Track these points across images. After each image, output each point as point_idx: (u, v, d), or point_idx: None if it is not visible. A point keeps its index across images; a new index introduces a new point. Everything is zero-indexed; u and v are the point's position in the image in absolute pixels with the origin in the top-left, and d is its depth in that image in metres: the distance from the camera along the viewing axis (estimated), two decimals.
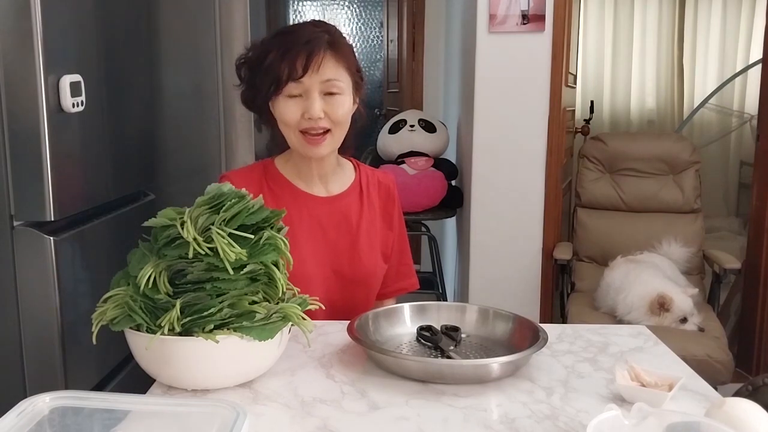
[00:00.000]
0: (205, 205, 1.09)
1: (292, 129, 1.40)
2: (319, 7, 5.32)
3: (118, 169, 1.96)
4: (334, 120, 1.39)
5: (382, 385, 1.13)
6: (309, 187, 1.50)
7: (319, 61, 1.35)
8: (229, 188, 1.12)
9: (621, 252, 2.96)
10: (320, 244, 1.47)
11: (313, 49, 1.35)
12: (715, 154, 5.21)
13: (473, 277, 3.21)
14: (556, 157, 3.10)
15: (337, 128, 1.40)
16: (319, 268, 1.46)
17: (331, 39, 1.38)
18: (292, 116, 1.38)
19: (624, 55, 5.29)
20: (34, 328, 1.62)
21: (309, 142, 1.40)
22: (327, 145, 1.41)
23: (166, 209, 1.10)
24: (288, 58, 1.35)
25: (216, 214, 1.08)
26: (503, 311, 1.34)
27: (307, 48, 1.35)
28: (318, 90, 1.37)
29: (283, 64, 1.35)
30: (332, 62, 1.37)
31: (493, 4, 2.98)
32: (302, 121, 1.38)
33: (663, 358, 1.27)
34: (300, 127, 1.39)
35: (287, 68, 1.35)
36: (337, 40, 1.39)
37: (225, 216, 1.08)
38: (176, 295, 1.07)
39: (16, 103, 1.54)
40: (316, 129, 1.38)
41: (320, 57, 1.35)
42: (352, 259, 1.48)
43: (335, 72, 1.37)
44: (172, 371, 1.09)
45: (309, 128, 1.38)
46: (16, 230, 1.59)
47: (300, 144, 1.41)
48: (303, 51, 1.35)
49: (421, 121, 3.70)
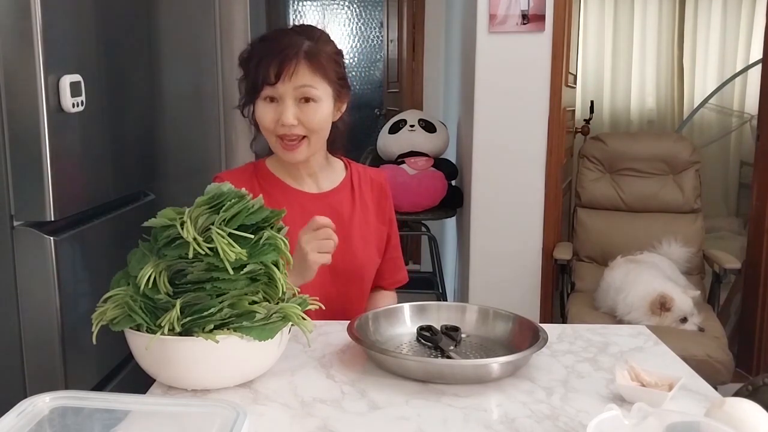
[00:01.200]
0: (205, 205, 1.09)
1: (270, 133, 1.44)
2: (319, 7, 5.31)
3: (118, 169, 1.96)
4: (309, 127, 1.42)
5: (382, 385, 1.13)
6: (300, 184, 1.53)
7: (292, 69, 1.38)
8: (229, 188, 1.12)
9: (621, 252, 2.96)
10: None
11: (286, 57, 1.38)
12: (715, 154, 5.20)
13: (473, 277, 3.20)
14: (556, 157, 3.10)
15: (313, 135, 1.43)
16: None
17: (311, 47, 1.40)
18: (268, 119, 1.42)
19: (624, 55, 5.29)
20: (34, 328, 1.63)
21: (285, 148, 1.44)
22: (302, 151, 1.44)
23: (166, 209, 1.10)
24: (263, 64, 1.39)
25: (216, 214, 1.08)
26: (503, 311, 1.34)
27: (281, 56, 1.38)
28: (292, 96, 1.39)
29: (259, 70, 1.39)
30: (307, 70, 1.39)
31: (493, 4, 2.97)
32: (278, 127, 1.41)
33: (663, 358, 1.27)
34: (276, 132, 1.43)
35: (262, 74, 1.38)
36: (318, 48, 1.41)
37: (225, 216, 1.08)
38: (176, 295, 1.07)
39: (16, 103, 1.54)
40: (291, 136, 1.42)
41: (293, 65, 1.38)
42: (345, 253, 1.49)
43: (310, 79, 1.39)
44: (172, 371, 1.09)
45: (284, 135, 1.42)
46: (16, 230, 1.59)
47: (277, 148, 1.45)
48: (276, 59, 1.38)
49: (421, 121, 3.70)
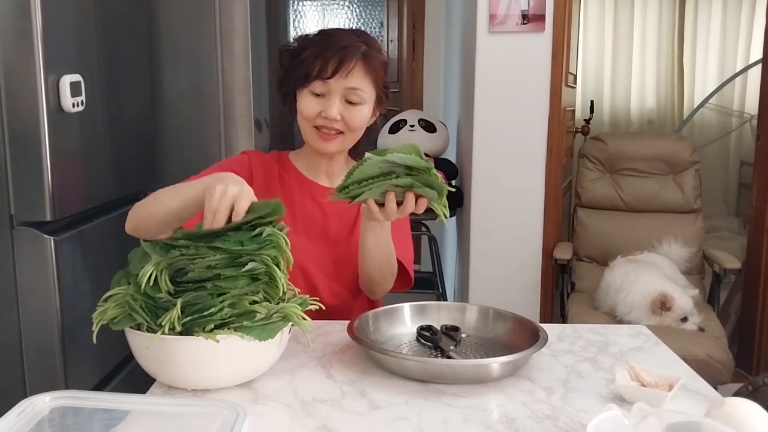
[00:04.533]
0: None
1: (307, 123, 1.46)
2: (319, 7, 5.30)
3: (118, 169, 1.95)
4: (349, 125, 1.44)
5: (382, 385, 1.13)
6: (315, 179, 1.56)
7: (350, 67, 1.40)
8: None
9: (621, 252, 2.96)
10: (321, 229, 1.52)
11: (347, 55, 1.40)
12: (715, 154, 5.20)
13: (473, 277, 3.20)
14: (556, 157, 3.10)
15: (350, 132, 1.46)
16: (318, 252, 1.51)
17: (367, 50, 1.44)
18: (310, 111, 1.43)
19: (624, 55, 5.29)
20: (34, 328, 1.62)
21: (321, 137, 1.45)
22: (337, 143, 1.46)
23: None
24: (322, 57, 1.41)
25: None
26: (503, 311, 1.34)
27: (342, 53, 1.40)
28: (340, 95, 1.42)
29: (316, 62, 1.41)
30: (361, 72, 1.42)
31: (493, 4, 2.97)
32: (318, 119, 1.44)
33: (663, 358, 1.27)
34: (314, 123, 1.45)
35: (318, 66, 1.40)
36: (372, 53, 1.45)
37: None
38: (177, 294, 1.07)
39: (16, 103, 1.54)
40: (329, 128, 1.44)
41: (351, 64, 1.40)
42: (349, 247, 1.51)
43: (361, 82, 1.42)
44: (172, 371, 1.09)
45: (323, 125, 1.44)
46: (16, 230, 1.59)
47: (312, 137, 1.47)
48: (337, 54, 1.40)
49: (421, 121, 3.70)
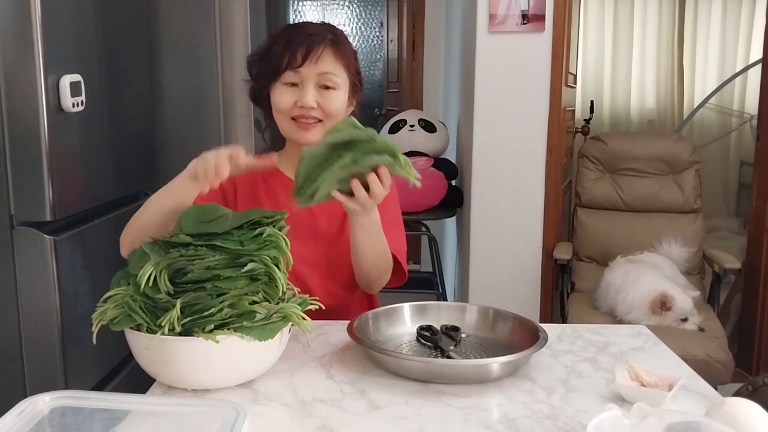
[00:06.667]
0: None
1: (284, 115, 1.44)
2: (319, 7, 5.31)
3: (118, 169, 1.95)
4: (327, 112, 1.43)
5: (382, 385, 1.13)
6: None
7: (319, 53, 1.40)
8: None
9: (621, 252, 2.96)
10: (311, 229, 1.51)
11: (314, 41, 1.41)
12: (715, 154, 5.20)
13: (473, 277, 3.20)
14: (556, 157, 3.10)
15: (328, 120, 1.44)
16: (311, 253, 1.49)
17: (334, 38, 1.44)
18: (285, 103, 1.43)
19: (624, 55, 5.28)
20: (34, 328, 1.62)
21: (300, 127, 1.44)
22: (317, 132, 1.44)
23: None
24: (289, 47, 1.41)
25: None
26: (503, 311, 1.34)
27: (309, 40, 1.41)
28: (314, 82, 1.41)
29: (285, 53, 1.41)
30: (331, 57, 1.42)
31: (493, 4, 2.97)
32: (294, 109, 1.43)
33: (663, 358, 1.27)
34: (291, 114, 1.43)
35: (288, 57, 1.40)
36: (340, 40, 1.45)
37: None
38: (177, 294, 1.07)
39: (16, 103, 1.54)
40: (307, 117, 1.43)
41: (320, 50, 1.41)
42: (341, 244, 1.50)
43: (333, 66, 1.42)
44: (172, 371, 1.09)
45: (300, 115, 1.43)
46: (16, 230, 1.59)
47: (291, 129, 1.45)
48: (304, 42, 1.41)
49: (421, 121, 3.69)
